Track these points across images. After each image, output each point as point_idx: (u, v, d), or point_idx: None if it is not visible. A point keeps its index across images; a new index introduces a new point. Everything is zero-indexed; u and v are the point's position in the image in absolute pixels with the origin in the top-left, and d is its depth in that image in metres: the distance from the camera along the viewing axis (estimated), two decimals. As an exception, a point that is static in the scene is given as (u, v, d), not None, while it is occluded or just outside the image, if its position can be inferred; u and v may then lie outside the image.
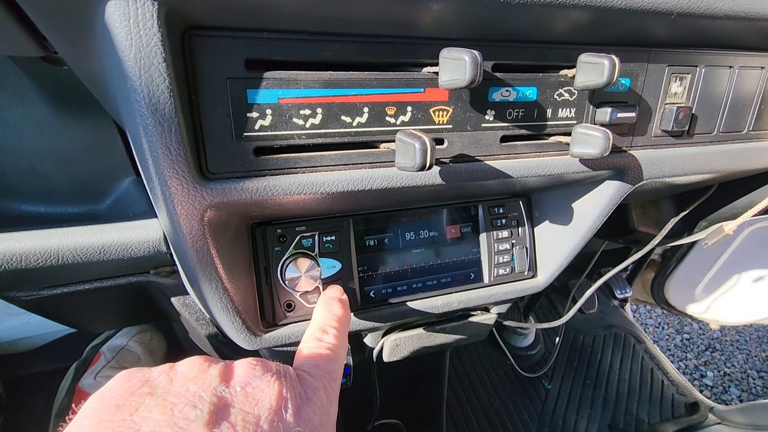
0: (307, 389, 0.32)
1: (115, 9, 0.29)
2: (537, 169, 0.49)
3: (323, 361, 0.37)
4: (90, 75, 0.39)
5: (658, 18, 0.44)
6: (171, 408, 0.27)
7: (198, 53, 0.34)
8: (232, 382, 0.30)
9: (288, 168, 0.40)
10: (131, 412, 0.26)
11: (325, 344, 0.40)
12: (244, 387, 0.29)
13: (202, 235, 0.40)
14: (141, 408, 0.27)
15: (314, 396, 0.32)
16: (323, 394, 0.33)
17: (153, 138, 0.33)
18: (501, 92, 0.45)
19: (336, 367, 0.38)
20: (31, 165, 0.54)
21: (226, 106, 0.36)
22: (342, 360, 0.40)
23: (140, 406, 0.27)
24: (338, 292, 0.50)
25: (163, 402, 0.27)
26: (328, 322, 0.43)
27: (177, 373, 0.30)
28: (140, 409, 0.26)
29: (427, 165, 0.37)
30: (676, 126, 0.54)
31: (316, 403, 0.32)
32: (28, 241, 0.48)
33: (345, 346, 0.42)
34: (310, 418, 0.30)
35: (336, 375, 0.37)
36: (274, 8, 0.33)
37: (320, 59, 0.39)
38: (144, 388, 0.28)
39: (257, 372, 0.31)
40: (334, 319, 0.43)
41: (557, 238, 0.65)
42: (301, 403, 0.31)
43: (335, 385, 0.36)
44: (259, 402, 0.29)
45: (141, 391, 0.28)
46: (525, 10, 0.38)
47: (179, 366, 0.31)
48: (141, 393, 0.28)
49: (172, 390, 0.28)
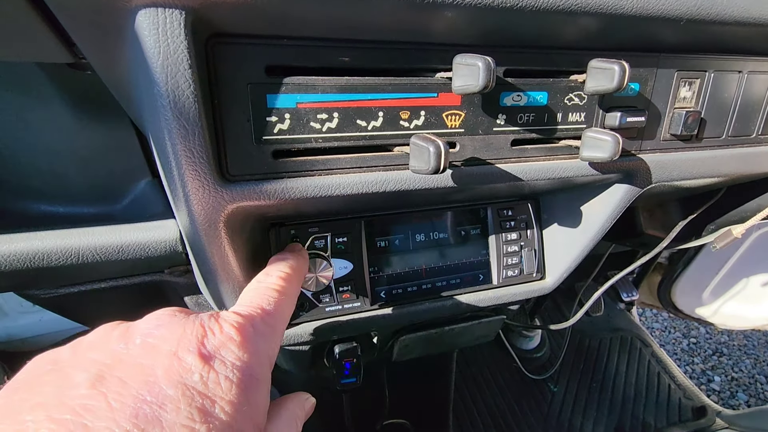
0: (225, 326, 0.30)
1: (145, 18, 0.30)
2: (547, 172, 0.50)
3: (256, 297, 0.35)
4: (115, 80, 0.40)
5: (668, 24, 0.45)
6: (63, 378, 0.25)
7: (221, 59, 0.36)
8: (133, 336, 0.28)
9: (305, 170, 0.41)
10: (27, 391, 0.25)
11: (263, 284, 0.37)
12: (144, 338, 0.28)
13: (220, 235, 0.41)
14: (36, 386, 0.25)
15: (234, 333, 0.29)
16: (249, 329, 0.31)
17: (177, 141, 0.34)
18: (512, 97, 0.46)
19: (274, 301, 0.35)
20: (51, 166, 0.56)
21: (246, 110, 0.38)
22: (288, 299, 0.37)
23: (37, 384, 0.25)
24: (296, 247, 0.48)
25: (59, 375, 0.26)
26: (274, 267, 0.40)
27: (82, 342, 0.28)
28: (35, 387, 0.25)
29: (441, 168, 0.38)
30: (684, 130, 0.54)
31: (235, 341, 0.29)
32: (50, 240, 0.50)
33: (293, 287, 0.39)
34: (223, 357, 0.28)
35: (275, 310, 0.34)
36: (295, 16, 0.34)
37: (337, 65, 0.40)
38: (48, 366, 0.27)
39: (162, 320, 0.29)
40: (281, 263, 0.41)
41: (565, 240, 0.65)
42: (213, 342, 0.28)
43: (271, 321, 0.33)
44: (156, 349, 0.27)
45: (44, 369, 0.27)
46: (536, 17, 0.39)
47: (87, 335, 0.29)
48: (44, 371, 0.27)
49: (72, 361, 0.27)
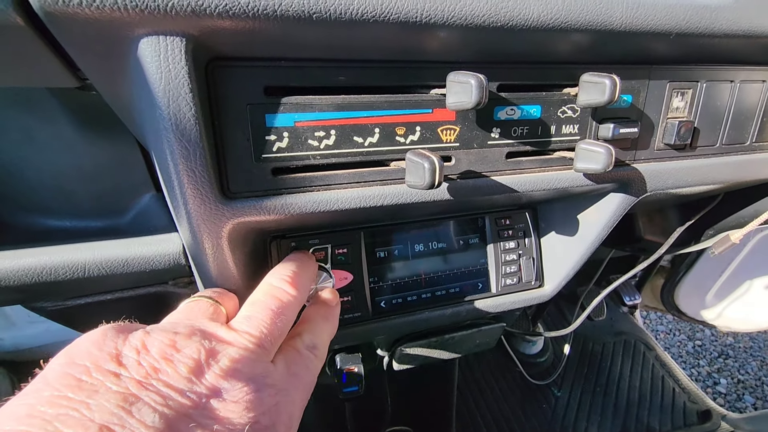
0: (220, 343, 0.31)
1: (147, 46, 0.31)
2: (542, 184, 0.51)
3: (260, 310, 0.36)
4: (119, 102, 0.41)
5: (658, 38, 0.46)
6: (130, 405, 0.24)
7: (221, 82, 0.37)
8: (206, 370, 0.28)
9: (304, 187, 0.42)
10: (90, 395, 0.24)
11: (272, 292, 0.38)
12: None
13: (222, 250, 0.42)
14: (102, 391, 0.24)
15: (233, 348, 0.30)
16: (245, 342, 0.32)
17: (179, 161, 0.36)
18: (506, 111, 0.47)
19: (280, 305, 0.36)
20: (58, 182, 0.57)
21: (246, 130, 0.39)
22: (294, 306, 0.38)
23: (101, 388, 0.24)
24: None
25: (124, 395, 0.24)
26: (280, 272, 0.41)
27: (149, 353, 0.27)
28: (100, 392, 0.24)
29: (435, 183, 0.39)
30: (678, 140, 0.55)
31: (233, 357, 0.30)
32: (57, 255, 0.51)
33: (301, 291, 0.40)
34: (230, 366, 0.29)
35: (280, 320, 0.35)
36: (292, 39, 0.36)
37: (334, 84, 0.41)
38: (111, 365, 0.26)
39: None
40: (288, 268, 0.42)
41: (563, 248, 0.66)
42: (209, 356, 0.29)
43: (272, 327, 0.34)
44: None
45: (108, 367, 0.25)
46: (526, 35, 0.40)
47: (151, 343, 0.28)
48: (108, 370, 0.25)
49: (138, 379, 0.25)
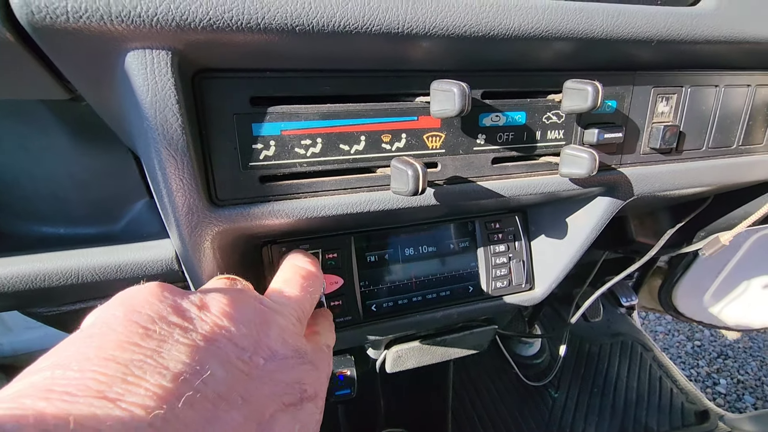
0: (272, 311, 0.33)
1: (134, 59, 0.32)
2: (528, 189, 0.52)
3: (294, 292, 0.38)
4: (108, 112, 0.42)
5: (640, 45, 0.46)
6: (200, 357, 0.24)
7: (207, 93, 0.38)
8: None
9: (291, 194, 0.43)
10: (159, 344, 0.24)
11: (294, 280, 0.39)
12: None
13: (212, 257, 0.43)
14: (170, 342, 0.24)
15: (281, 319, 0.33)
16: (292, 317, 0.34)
17: (167, 170, 0.36)
18: (491, 117, 0.48)
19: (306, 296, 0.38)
20: (52, 190, 0.58)
21: (233, 139, 0.40)
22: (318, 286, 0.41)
23: (169, 338, 0.25)
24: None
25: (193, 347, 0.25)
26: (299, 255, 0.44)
27: (210, 311, 0.28)
28: (169, 342, 0.24)
29: (419, 190, 0.40)
30: (663, 144, 0.56)
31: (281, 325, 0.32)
32: (50, 262, 0.52)
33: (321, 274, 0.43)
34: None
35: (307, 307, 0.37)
36: (277, 51, 0.36)
37: (319, 93, 0.42)
38: (174, 318, 0.26)
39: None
40: (302, 254, 0.44)
41: (553, 251, 0.67)
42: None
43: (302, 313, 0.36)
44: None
45: (172, 320, 0.26)
46: (509, 44, 0.41)
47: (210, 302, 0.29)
48: (173, 322, 0.26)
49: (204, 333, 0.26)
